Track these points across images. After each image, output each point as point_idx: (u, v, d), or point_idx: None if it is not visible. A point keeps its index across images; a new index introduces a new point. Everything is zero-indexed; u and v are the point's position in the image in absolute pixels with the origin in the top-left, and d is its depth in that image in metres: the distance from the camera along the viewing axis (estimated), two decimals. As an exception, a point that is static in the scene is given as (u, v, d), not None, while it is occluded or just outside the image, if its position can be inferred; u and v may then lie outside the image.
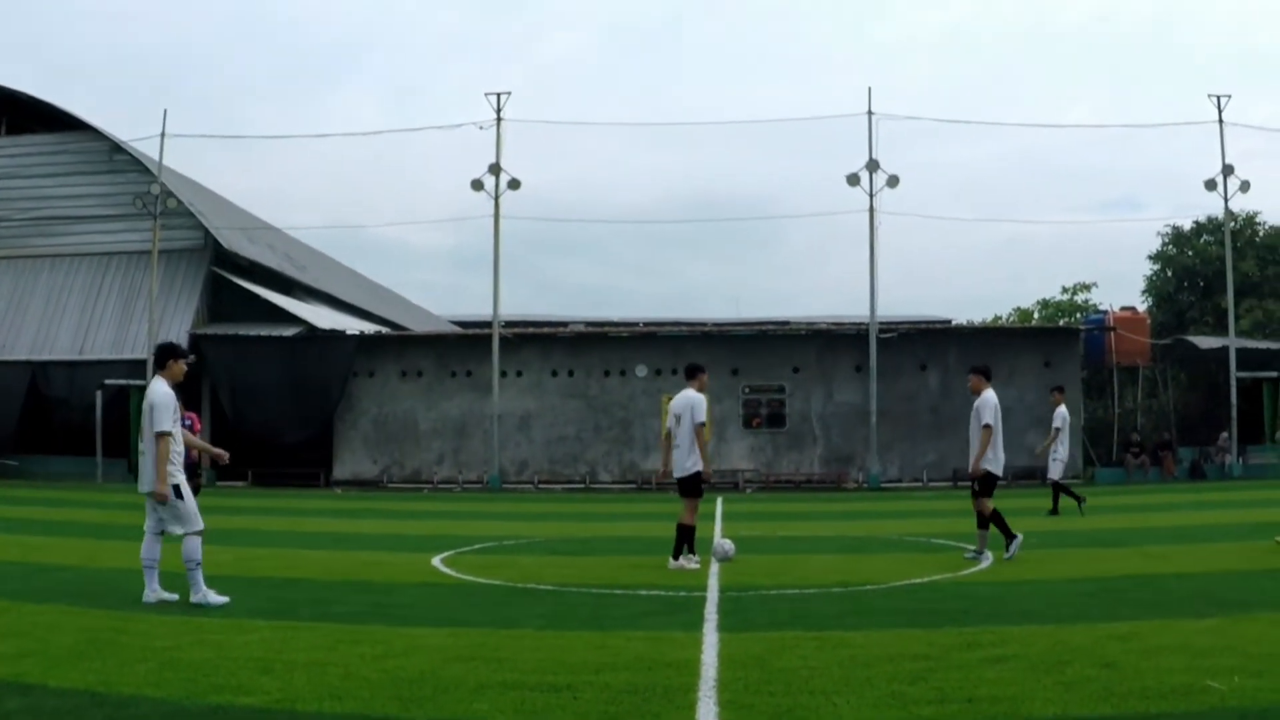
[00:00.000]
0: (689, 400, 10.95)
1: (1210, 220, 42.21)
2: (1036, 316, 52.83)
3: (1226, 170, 31.98)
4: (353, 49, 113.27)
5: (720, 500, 22.04)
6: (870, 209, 31.19)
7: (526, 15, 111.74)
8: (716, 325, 38.79)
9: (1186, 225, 44.04)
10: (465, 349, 33.71)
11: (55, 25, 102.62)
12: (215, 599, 8.19)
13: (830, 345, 32.59)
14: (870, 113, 31.22)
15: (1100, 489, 27.94)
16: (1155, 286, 45.15)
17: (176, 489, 8.33)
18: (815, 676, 5.64)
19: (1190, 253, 43.75)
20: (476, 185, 32.24)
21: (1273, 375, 31.55)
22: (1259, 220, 43.31)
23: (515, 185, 32.28)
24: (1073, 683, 5.39)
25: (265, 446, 32.25)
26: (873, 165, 31.00)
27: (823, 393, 32.20)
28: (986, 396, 11.31)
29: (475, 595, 9.19)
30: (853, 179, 31.16)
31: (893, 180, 30.92)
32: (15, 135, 36.10)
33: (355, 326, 36.45)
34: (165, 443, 8.27)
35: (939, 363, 31.73)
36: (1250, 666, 5.64)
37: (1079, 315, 47.89)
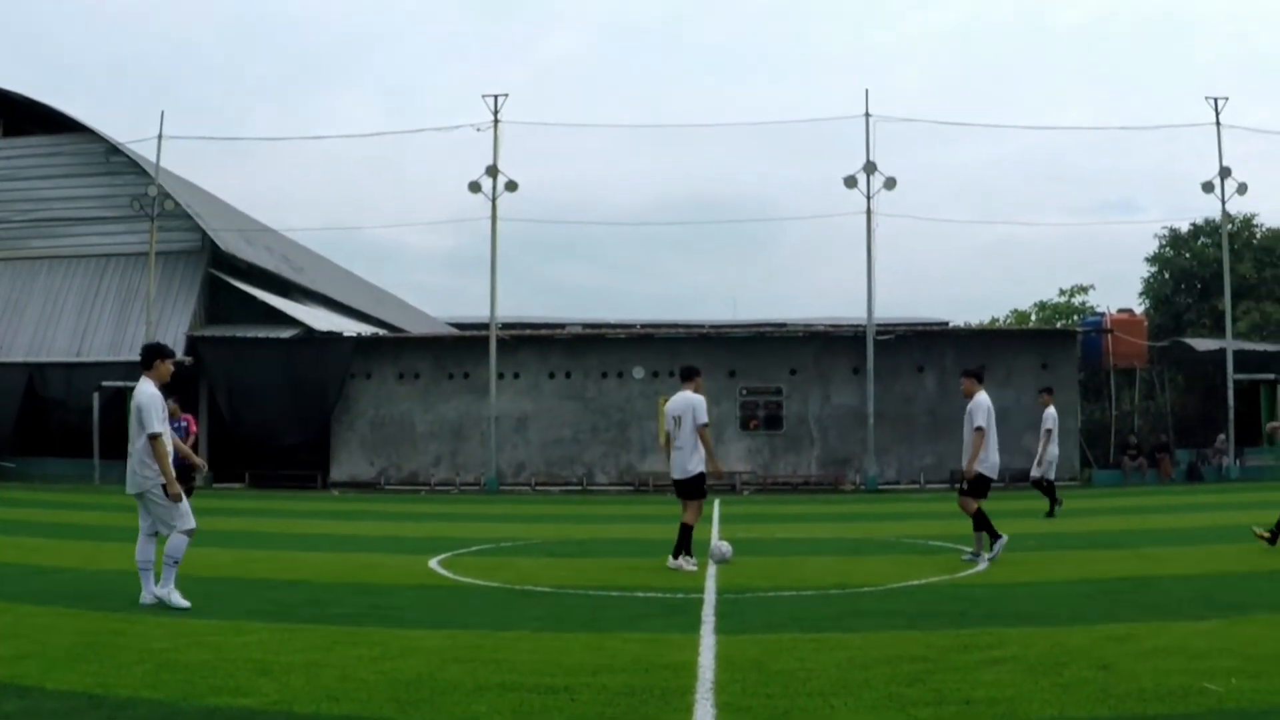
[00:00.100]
0: (689, 402, 10.91)
1: (1208, 222, 42.31)
2: (1034, 318, 52.88)
3: (1224, 173, 32.00)
4: (350, 51, 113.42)
5: (717, 502, 22.04)
6: (867, 211, 31.24)
7: (524, 17, 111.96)
8: (714, 327, 38.80)
9: (1184, 227, 44.18)
10: (462, 351, 33.70)
11: (53, 27, 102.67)
12: (179, 600, 8.11)
13: (827, 347, 32.60)
14: (868, 114, 31.25)
15: (1097, 491, 28.02)
16: (1152, 289, 45.22)
17: (165, 488, 8.34)
18: (812, 678, 5.65)
19: (1188, 255, 43.82)
20: (474, 187, 32.23)
21: (1270, 377, 31.59)
22: (1256, 222, 43.44)
23: (512, 187, 32.27)
24: (1070, 684, 5.40)
25: (262, 448, 32.28)
26: (870, 167, 31.02)
27: (820, 395, 32.22)
28: (978, 399, 11.31)
29: (472, 597, 9.19)
30: (850, 181, 31.17)
31: (890, 182, 30.93)
32: (12, 137, 36.06)
33: (352, 328, 36.44)
34: (160, 443, 8.32)
35: (936, 365, 31.75)
36: (1248, 668, 5.64)
37: (1076, 317, 47.93)
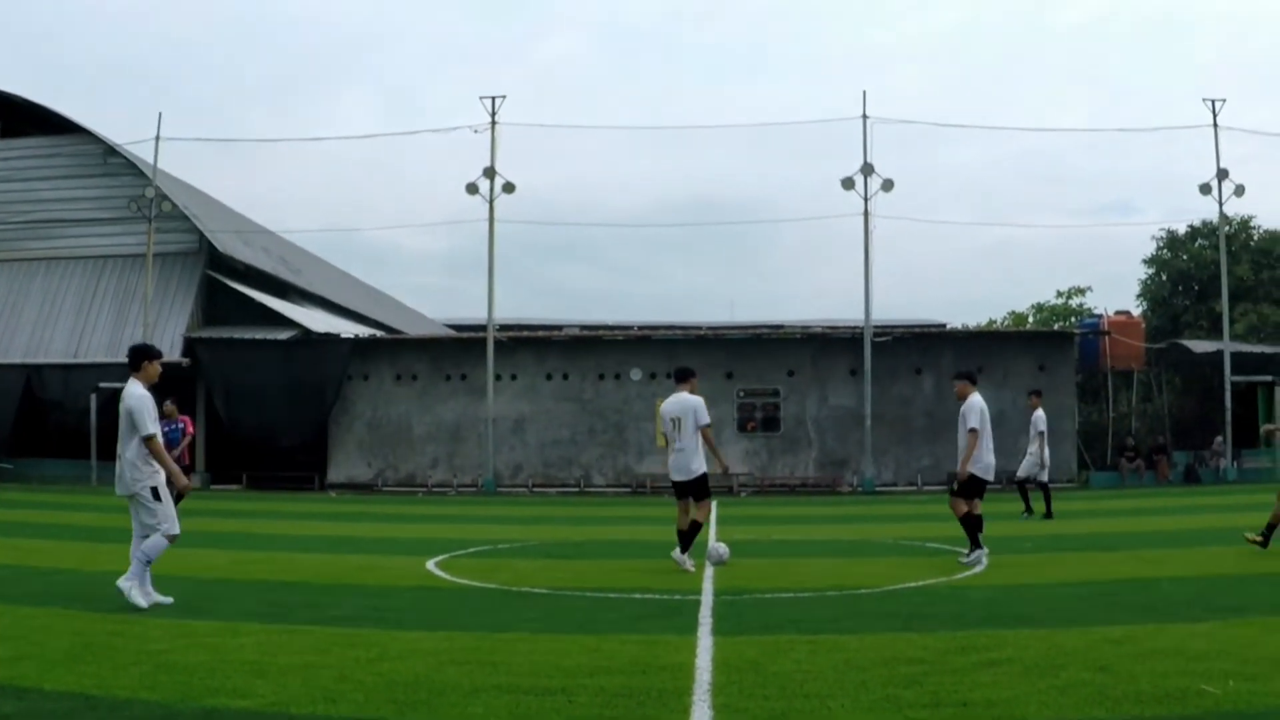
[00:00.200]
0: (688, 404, 10.86)
1: (1205, 224, 42.36)
2: (1031, 320, 52.92)
3: (1221, 174, 32.05)
4: (348, 52, 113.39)
5: (714, 504, 22.00)
6: (865, 213, 31.27)
7: (523, 19, 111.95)
8: (711, 329, 38.80)
9: (1181, 229, 44.25)
10: (460, 352, 33.68)
11: (50, 28, 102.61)
12: (139, 599, 8.05)
13: (825, 349, 32.62)
14: (865, 116, 31.29)
15: (1095, 493, 28.04)
16: (1150, 290, 45.27)
17: (155, 491, 8.33)
18: (810, 680, 5.64)
19: (1185, 257, 43.87)
20: (471, 189, 32.23)
21: (1267, 379, 31.64)
22: (1254, 224, 43.50)
23: (510, 189, 32.27)
24: (1067, 687, 5.39)
25: (260, 450, 32.28)
26: (867, 169, 31.04)
27: (817, 396, 32.23)
28: (971, 401, 11.32)
29: (470, 599, 9.19)
30: (847, 183, 31.20)
31: (887, 184, 30.95)
32: (10, 138, 36.03)
33: (350, 330, 36.42)
34: (156, 442, 8.36)
35: (933, 367, 31.75)
36: (1245, 670, 5.64)
37: (1074, 319, 47.99)
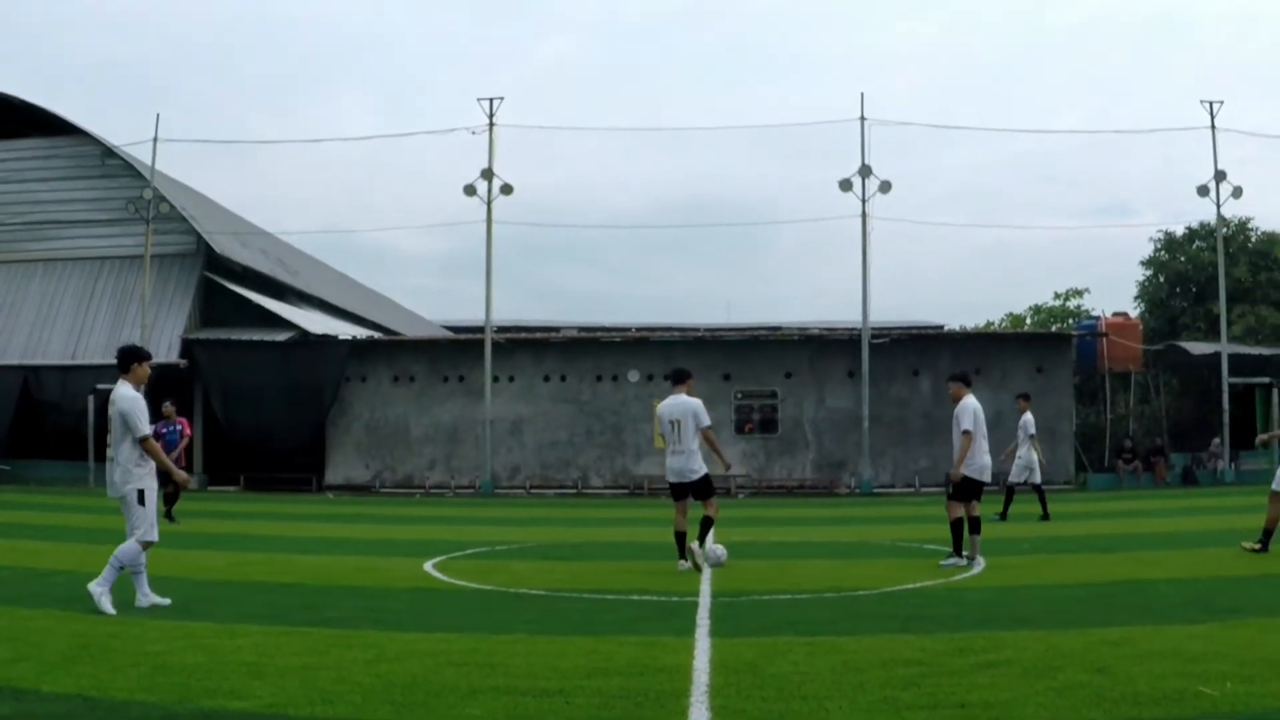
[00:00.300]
0: (688, 406, 10.85)
1: (1203, 226, 42.32)
2: (1029, 322, 52.90)
3: (1219, 176, 32.08)
4: (346, 54, 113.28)
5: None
6: (863, 214, 31.28)
7: (520, 20, 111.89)
8: (709, 330, 38.81)
9: (1179, 231, 44.19)
10: (457, 354, 33.68)
11: (48, 29, 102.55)
12: (107, 606, 8.00)
13: (823, 351, 32.63)
14: (863, 118, 31.28)
15: (1092, 494, 28.08)
16: (1148, 292, 45.27)
17: (141, 494, 8.33)
18: (807, 682, 5.64)
19: (1183, 258, 43.87)
20: (469, 190, 32.21)
21: (1265, 381, 31.67)
22: (1251, 226, 43.42)
23: (507, 190, 32.25)
24: (1065, 688, 5.40)
25: (257, 451, 32.25)
26: (865, 171, 31.05)
27: (815, 398, 32.24)
28: (965, 403, 11.33)
29: (467, 600, 9.20)
30: (845, 184, 31.21)
31: (885, 186, 30.97)
32: (7, 139, 35.93)
33: (348, 331, 36.40)
34: (151, 443, 8.42)
35: (931, 368, 31.75)
36: (1242, 672, 5.65)
37: (1071, 321, 48.00)
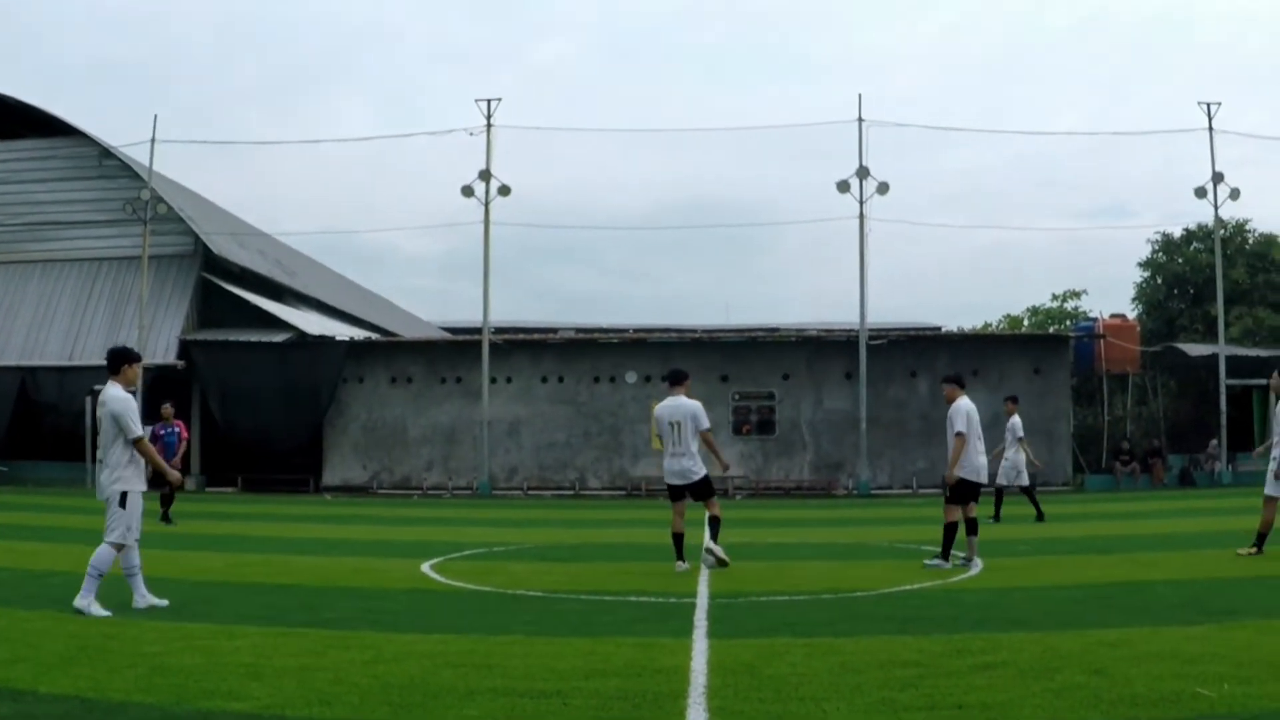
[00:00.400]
0: (687, 408, 10.82)
1: (1200, 227, 42.42)
2: (1026, 324, 53.00)
3: (1216, 178, 32.11)
4: (344, 55, 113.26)
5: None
6: (860, 216, 31.31)
7: (518, 21, 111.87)
8: (706, 332, 38.83)
9: (1177, 232, 44.33)
10: (455, 355, 33.66)
11: (46, 30, 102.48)
12: (98, 610, 8.01)
13: (820, 352, 32.65)
14: (861, 119, 31.33)
15: (1090, 496, 28.10)
16: (1145, 294, 45.34)
17: (124, 497, 8.32)
18: (805, 683, 5.64)
19: (1180, 260, 43.95)
20: (467, 191, 32.21)
21: (1262, 383, 31.63)
22: (1249, 228, 43.52)
23: (505, 191, 32.26)
24: (1062, 690, 5.40)
25: (255, 452, 32.24)
26: (863, 172, 31.09)
27: (813, 399, 32.24)
28: (959, 405, 11.32)
29: (465, 601, 9.19)
30: (843, 186, 31.25)
31: (883, 187, 31.01)
32: (4, 140, 35.89)
33: (345, 332, 36.40)
34: (145, 444, 8.43)
35: (929, 370, 31.75)
36: (1240, 673, 5.65)
37: (1069, 322, 48.07)
